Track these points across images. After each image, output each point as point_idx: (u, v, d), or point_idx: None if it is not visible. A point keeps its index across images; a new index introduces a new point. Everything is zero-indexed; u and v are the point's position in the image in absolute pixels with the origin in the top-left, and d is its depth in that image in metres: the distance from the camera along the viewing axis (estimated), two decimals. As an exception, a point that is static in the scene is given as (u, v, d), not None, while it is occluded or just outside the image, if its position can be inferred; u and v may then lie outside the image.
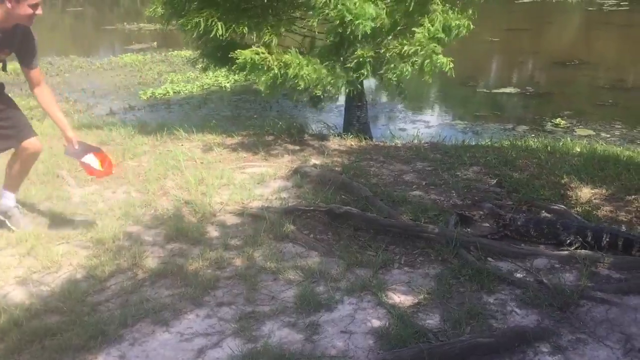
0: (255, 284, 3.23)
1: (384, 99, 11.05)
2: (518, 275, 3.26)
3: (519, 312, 2.93)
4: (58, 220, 4.06)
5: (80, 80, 12.54)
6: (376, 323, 2.87)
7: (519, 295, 3.06)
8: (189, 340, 2.79)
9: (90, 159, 3.80)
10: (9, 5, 3.37)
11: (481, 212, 3.89)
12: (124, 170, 5.05)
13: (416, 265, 3.43)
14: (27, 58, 3.72)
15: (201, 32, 5.63)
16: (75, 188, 4.66)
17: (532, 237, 3.67)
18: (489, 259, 3.44)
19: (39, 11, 3.49)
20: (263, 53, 5.27)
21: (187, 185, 4.62)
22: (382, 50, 5.52)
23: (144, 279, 3.32)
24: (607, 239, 3.49)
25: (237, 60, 5.29)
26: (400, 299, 3.08)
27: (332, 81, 5.39)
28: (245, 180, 4.75)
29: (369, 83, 8.07)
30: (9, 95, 3.91)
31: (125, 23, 21.50)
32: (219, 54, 6.15)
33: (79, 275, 3.38)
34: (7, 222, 3.93)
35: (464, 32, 5.66)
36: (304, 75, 5.22)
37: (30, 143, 3.82)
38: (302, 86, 5.32)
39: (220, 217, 4.11)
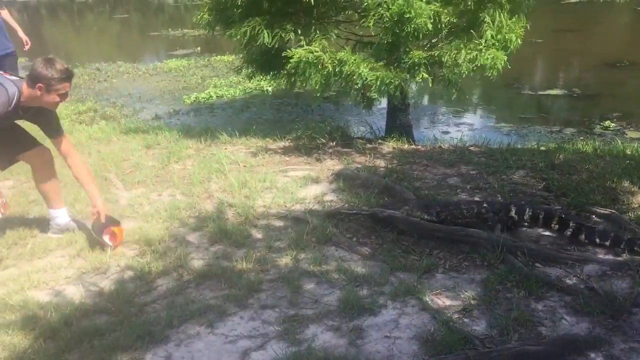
0: (299, 287, 3.23)
1: (425, 101, 10.94)
2: (568, 281, 3.17)
3: (569, 319, 2.85)
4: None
5: (126, 86, 12.82)
6: (421, 328, 2.83)
7: (569, 302, 2.97)
8: (234, 342, 2.81)
9: (107, 237, 3.79)
10: (38, 92, 3.47)
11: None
12: (170, 173, 5.14)
13: (461, 270, 3.37)
14: (49, 130, 3.81)
15: (246, 40, 5.66)
16: (122, 191, 4.77)
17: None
18: (537, 264, 3.36)
19: (66, 99, 3.63)
20: (317, 51, 5.27)
21: (230, 189, 4.67)
22: (437, 53, 5.43)
23: (189, 280, 3.37)
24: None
25: (290, 60, 5.29)
26: (445, 304, 3.04)
27: (389, 81, 5.33)
28: (288, 184, 4.77)
29: (411, 85, 7.98)
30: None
31: (169, 29, 21.87)
32: (262, 59, 6.19)
33: (127, 276, 3.45)
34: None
35: (515, 44, 5.55)
36: (362, 73, 5.18)
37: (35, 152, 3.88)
38: (360, 84, 5.27)
39: (264, 220, 4.13)
